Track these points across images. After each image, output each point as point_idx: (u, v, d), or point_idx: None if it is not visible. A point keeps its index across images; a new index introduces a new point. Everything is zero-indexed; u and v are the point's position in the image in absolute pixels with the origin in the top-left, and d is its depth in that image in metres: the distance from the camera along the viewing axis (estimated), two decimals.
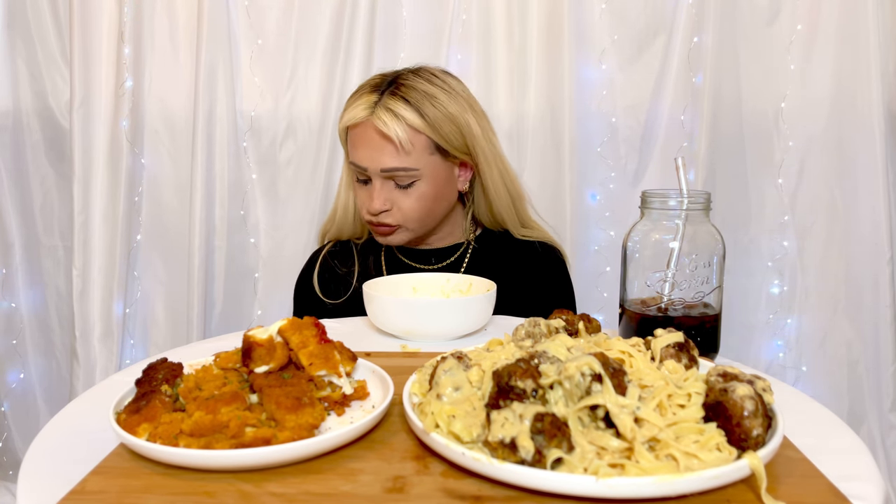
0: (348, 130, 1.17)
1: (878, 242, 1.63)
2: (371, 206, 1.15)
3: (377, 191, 1.15)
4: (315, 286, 1.28)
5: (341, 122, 1.18)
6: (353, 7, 1.65)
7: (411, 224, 1.18)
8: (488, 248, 1.27)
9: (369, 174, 1.14)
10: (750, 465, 0.48)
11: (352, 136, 1.16)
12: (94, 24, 1.64)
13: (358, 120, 1.13)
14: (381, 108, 1.12)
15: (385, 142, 1.12)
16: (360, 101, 1.14)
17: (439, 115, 1.14)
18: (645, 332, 0.77)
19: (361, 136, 1.14)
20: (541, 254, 1.27)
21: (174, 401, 0.62)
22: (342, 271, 1.28)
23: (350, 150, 1.17)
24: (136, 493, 0.50)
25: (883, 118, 1.59)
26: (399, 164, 1.12)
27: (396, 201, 1.16)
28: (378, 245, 1.28)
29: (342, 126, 1.18)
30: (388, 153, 1.12)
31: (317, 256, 1.32)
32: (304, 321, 0.68)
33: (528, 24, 1.65)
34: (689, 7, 1.63)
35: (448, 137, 1.15)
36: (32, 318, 1.82)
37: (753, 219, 1.73)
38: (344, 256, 1.30)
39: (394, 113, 1.11)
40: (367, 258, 1.29)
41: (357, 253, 1.30)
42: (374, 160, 1.13)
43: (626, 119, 1.70)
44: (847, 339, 1.70)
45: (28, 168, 1.76)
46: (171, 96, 1.72)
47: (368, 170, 1.14)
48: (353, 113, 1.14)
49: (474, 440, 0.53)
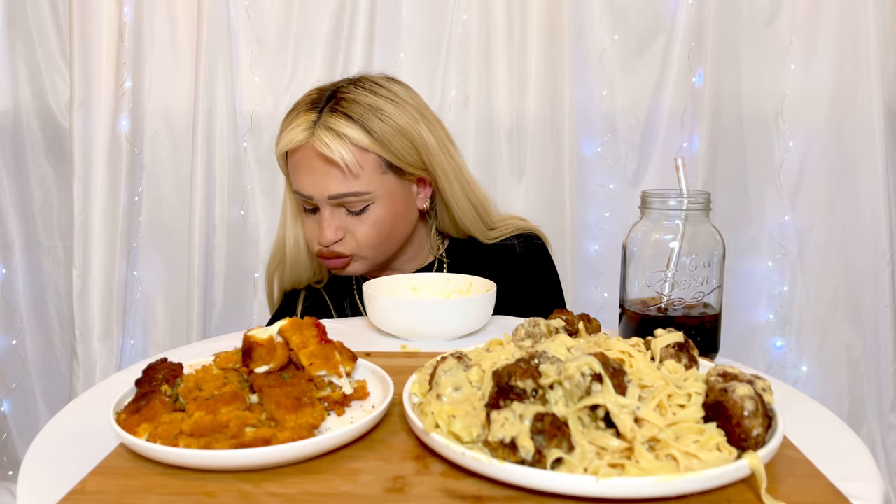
0: (287, 156, 1.06)
1: (878, 242, 1.63)
2: (322, 237, 1.04)
3: (326, 220, 1.03)
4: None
5: (278, 146, 1.06)
6: (353, 7, 1.65)
7: (367, 252, 1.07)
8: (461, 258, 1.18)
9: (316, 202, 1.04)
10: (750, 465, 0.48)
11: (292, 161, 1.05)
12: (94, 24, 1.65)
13: (297, 143, 1.01)
14: (321, 127, 1.00)
15: (329, 166, 1.00)
16: (297, 121, 1.03)
17: (387, 129, 1.02)
18: (645, 332, 0.77)
19: (302, 162, 1.02)
20: (518, 250, 1.16)
21: (174, 401, 0.62)
22: None
23: (292, 178, 1.05)
24: (136, 493, 0.50)
25: (883, 118, 1.59)
26: (347, 188, 1.01)
27: (350, 228, 1.05)
28: (348, 284, 1.19)
29: (280, 151, 1.06)
30: (333, 178, 1.01)
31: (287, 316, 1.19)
32: (304, 321, 0.68)
33: (528, 24, 1.65)
34: (689, 7, 1.63)
35: (400, 153, 1.04)
36: (32, 318, 1.82)
37: (753, 219, 1.73)
38: (320, 310, 1.18)
39: (335, 132, 0.99)
40: (341, 304, 1.18)
41: (330, 301, 1.18)
42: (320, 187, 1.01)
43: (626, 119, 1.70)
44: (847, 340, 1.70)
45: (28, 168, 1.77)
46: (171, 96, 1.72)
47: (314, 198, 1.03)
48: (291, 136, 1.02)
49: (474, 440, 0.53)
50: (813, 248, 1.70)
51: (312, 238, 1.08)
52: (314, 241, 1.07)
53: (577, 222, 1.69)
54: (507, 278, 1.11)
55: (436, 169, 1.08)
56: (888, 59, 1.61)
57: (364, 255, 1.07)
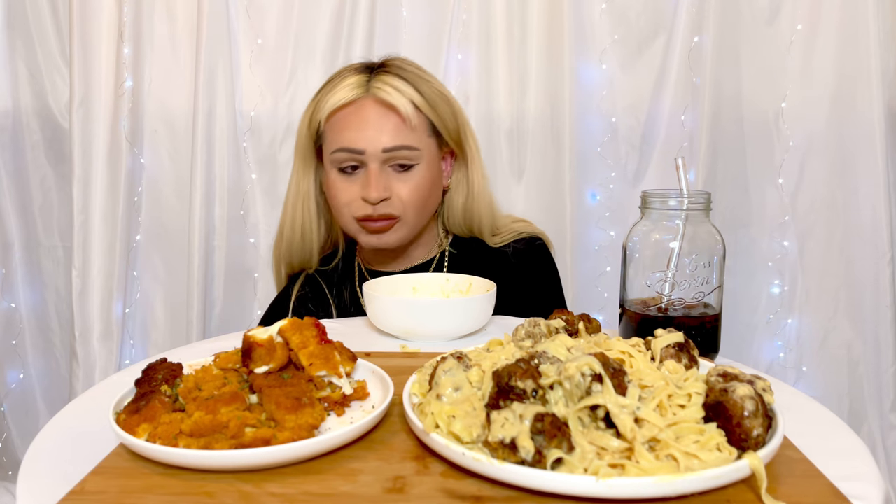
0: (332, 115, 1.05)
1: (879, 242, 1.63)
2: (369, 193, 1.02)
3: (375, 176, 1.02)
4: None
5: (320, 109, 1.05)
6: (353, 7, 1.65)
7: (411, 214, 1.06)
8: (465, 253, 1.19)
9: (364, 158, 1.03)
10: (750, 466, 0.48)
11: (338, 119, 1.05)
12: (94, 24, 1.64)
13: (353, 97, 1.03)
14: (377, 83, 1.03)
15: (386, 118, 1.02)
16: (347, 81, 1.04)
17: (434, 93, 1.07)
18: (645, 332, 0.77)
19: (355, 117, 1.03)
20: (520, 251, 1.17)
21: (174, 401, 0.61)
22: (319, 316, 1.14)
23: (337, 136, 1.04)
24: (136, 494, 0.50)
25: (883, 118, 1.59)
26: (402, 141, 1.02)
27: (395, 188, 1.04)
28: (349, 273, 1.19)
29: (331, 107, 1.04)
30: (389, 130, 1.02)
31: (283, 305, 1.18)
32: (304, 321, 0.68)
33: (528, 24, 1.65)
34: (689, 7, 1.63)
35: (444, 119, 1.07)
36: (32, 319, 1.82)
37: (753, 219, 1.73)
38: (318, 298, 1.17)
39: (393, 86, 1.02)
40: (341, 293, 1.17)
41: (328, 290, 1.17)
42: (373, 140, 1.02)
43: (626, 119, 1.70)
44: (847, 340, 1.70)
45: (28, 168, 1.76)
46: (171, 96, 1.72)
47: (366, 152, 1.02)
48: (343, 93, 1.03)
49: (474, 440, 0.53)
50: (813, 248, 1.70)
51: (351, 201, 1.05)
52: (353, 205, 1.05)
53: (577, 222, 1.69)
54: (509, 278, 1.11)
55: (468, 140, 1.12)
56: (888, 59, 1.61)
57: (408, 217, 1.06)
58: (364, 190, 1.03)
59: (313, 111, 1.08)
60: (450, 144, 1.11)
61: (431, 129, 1.08)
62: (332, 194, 1.09)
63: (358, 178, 1.05)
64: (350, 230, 1.10)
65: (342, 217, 1.09)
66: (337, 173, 1.07)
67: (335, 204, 1.09)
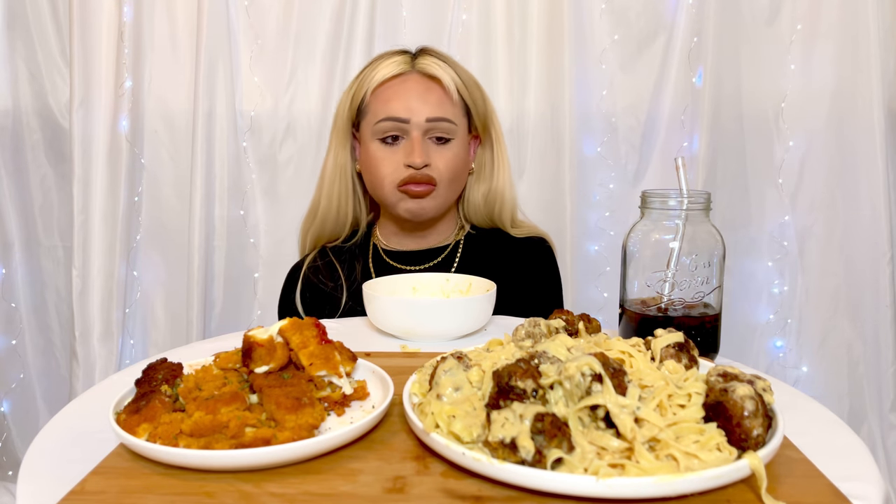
0: (378, 88, 1.13)
1: (878, 242, 1.63)
2: (414, 158, 1.09)
3: (418, 143, 1.10)
4: (297, 305, 1.20)
5: (365, 84, 1.13)
6: (353, 7, 1.65)
7: (444, 185, 1.13)
8: (478, 246, 1.23)
9: (408, 127, 1.11)
10: (750, 465, 0.48)
11: (383, 91, 1.13)
12: (94, 24, 1.65)
13: (398, 71, 1.12)
14: (421, 61, 1.13)
15: (430, 91, 1.11)
16: (392, 59, 1.14)
17: (469, 78, 1.16)
18: (645, 332, 0.77)
19: (400, 88, 1.12)
20: (532, 248, 1.23)
21: (174, 401, 0.61)
22: (329, 287, 1.20)
23: (380, 107, 1.12)
24: (136, 493, 0.50)
25: (883, 117, 1.59)
26: (443, 113, 1.11)
27: (434, 158, 1.12)
28: (363, 250, 1.24)
29: (373, 85, 1.13)
30: (432, 102, 1.11)
31: (296, 274, 1.24)
32: (304, 321, 0.68)
33: (528, 24, 1.66)
34: (689, 7, 1.63)
35: (476, 103, 1.16)
36: (32, 318, 1.82)
37: (753, 219, 1.73)
38: (328, 270, 1.22)
39: (436, 64, 1.13)
40: (353, 267, 1.22)
41: (340, 263, 1.22)
42: (418, 110, 1.10)
43: (626, 119, 1.70)
44: (847, 339, 1.70)
45: (28, 168, 1.77)
46: (171, 96, 1.72)
47: (410, 121, 1.10)
48: (389, 68, 1.12)
49: (474, 440, 0.53)
50: (813, 248, 1.70)
51: (394, 170, 1.12)
52: (396, 172, 1.12)
53: (577, 222, 1.69)
54: (519, 271, 1.17)
55: (495, 125, 1.20)
56: (888, 59, 1.61)
57: (442, 187, 1.13)
58: (408, 157, 1.10)
59: (357, 87, 1.16)
60: (477, 128, 1.18)
61: (465, 109, 1.16)
62: (373, 164, 1.14)
63: (399, 148, 1.12)
64: (390, 199, 1.15)
65: (384, 187, 1.14)
66: (378, 144, 1.13)
67: (377, 174, 1.14)
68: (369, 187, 1.19)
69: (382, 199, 1.17)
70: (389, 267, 1.21)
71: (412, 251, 1.22)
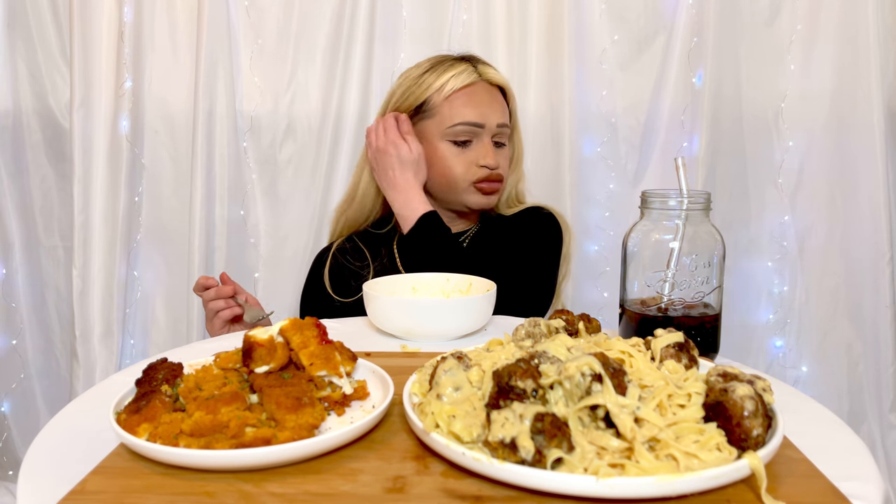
0: (453, 94, 1.22)
1: (878, 242, 1.63)
2: (490, 161, 1.21)
3: (492, 147, 1.23)
4: (326, 282, 1.28)
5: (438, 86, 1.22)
6: (353, 7, 1.65)
7: (506, 182, 1.28)
8: (483, 231, 1.32)
9: (482, 132, 1.22)
10: (750, 465, 0.48)
11: (459, 97, 1.22)
12: (94, 24, 1.65)
13: (470, 80, 1.22)
14: (486, 69, 1.25)
15: (496, 100, 1.24)
16: (460, 67, 1.23)
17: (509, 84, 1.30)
18: (645, 332, 0.77)
19: (474, 97, 1.22)
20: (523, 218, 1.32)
21: (174, 401, 0.62)
22: (355, 266, 1.29)
23: (457, 112, 1.22)
24: (136, 493, 0.50)
25: (883, 118, 1.59)
26: (505, 119, 1.25)
27: (498, 159, 1.24)
28: (389, 236, 1.31)
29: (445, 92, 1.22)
30: (498, 109, 1.24)
31: (326, 254, 1.34)
32: (305, 321, 0.68)
33: (528, 24, 1.66)
34: (689, 7, 1.63)
35: (514, 107, 1.30)
36: (32, 318, 1.82)
37: (753, 219, 1.73)
38: (356, 251, 1.32)
39: (497, 75, 1.27)
40: (378, 251, 1.31)
41: (366, 247, 1.32)
42: (490, 116, 1.22)
43: (626, 119, 1.70)
44: (847, 339, 1.70)
45: (28, 168, 1.77)
46: (171, 96, 1.72)
47: (485, 126, 1.22)
48: (460, 78, 1.22)
49: (474, 440, 0.53)
50: (813, 248, 1.70)
51: (467, 170, 1.23)
52: (470, 171, 1.23)
53: (577, 222, 1.69)
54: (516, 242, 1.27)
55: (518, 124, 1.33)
56: (888, 59, 1.61)
57: (505, 184, 1.28)
58: (484, 158, 1.22)
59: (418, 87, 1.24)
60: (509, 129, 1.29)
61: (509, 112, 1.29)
62: (446, 164, 1.24)
63: (470, 150, 1.23)
64: (460, 195, 1.26)
65: (457, 183, 1.24)
66: (449, 146, 1.24)
67: (451, 173, 1.24)
68: (433, 181, 1.27)
69: (450, 193, 1.26)
70: None
71: None
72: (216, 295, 1.15)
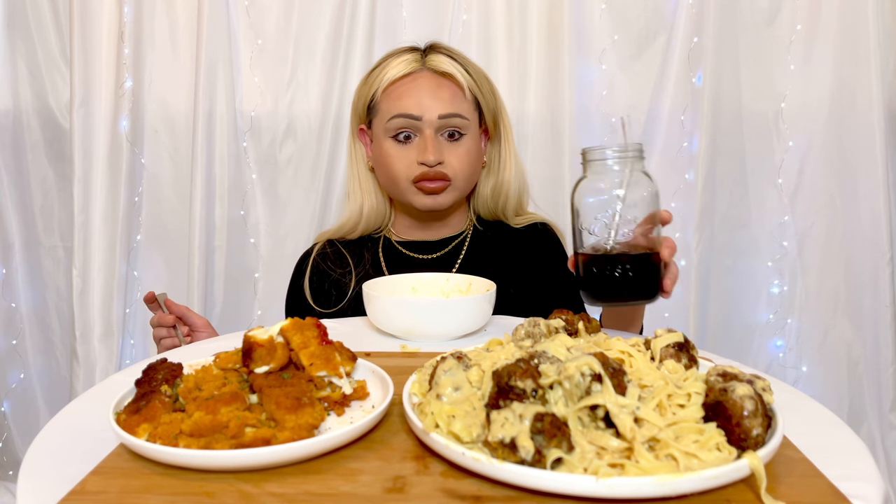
0: (389, 87, 1.13)
1: (878, 242, 1.63)
2: (427, 156, 1.10)
3: (432, 141, 1.11)
4: (307, 295, 1.21)
5: (375, 83, 1.14)
6: (353, 7, 1.65)
7: (460, 180, 1.14)
8: (484, 237, 1.25)
9: (421, 125, 1.11)
10: (750, 465, 0.48)
11: (394, 90, 1.13)
12: (94, 24, 1.65)
13: (409, 70, 1.12)
14: (432, 58, 1.13)
15: (441, 88, 1.12)
16: (402, 57, 1.14)
17: (479, 72, 1.16)
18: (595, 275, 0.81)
19: (412, 86, 1.12)
20: (534, 235, 1.25)
21: (174, 401, 0.62)
22: (337, 273, 1.21)
23: (396, 103, 1.12)
24: (136, 494, 0.50)
25: (883, 118, 1.59)
26: (455, 109, 1.12)
27: (447, 155, 1.12)
28: (373, 240, 1.25)
29: (390, 78, 1.13)
30: (444, 99, 1.11)
31: (305, 263, 1.25)
32: (305, 322, 0.68)
33: (528, 24, 1.66)
34: (689, 7, 1.63)
35: (487, 97, 1.16)
36: (32, 318, 1.82)
37: (753, 219, 1.73)
38: (337, 257, 1.23)
39: (448, 62, 1.13)
40: (361, 255, 1.23)
41: (348, 252, 1.24)
42: (430, 107, 1.11)
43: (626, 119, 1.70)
44: (847, 339, 1.70)
45: (28, 168, 1.77)
46: (171, 96, 1.72)
47: (423, 118, 1.10)
48: (401, 66, 1.12)
49: (474, 440, 0.53)
50: (813, 248, 1.71)
51: (407, 167, 1.13)
52: (409, 169, 1.13)
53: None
54: (521, 263, 1.20)
55: (504, 120, 1.21)
56: (888, 59, 1.62)
57: (458, 182, 1.14)
58: (421, 154, 1.11)
59: (367, 86, 1.16)
60: (487, 123, 1.18)
61: (476, 105, 1.16)
62: (387, 163, 1.15)
63: (412, 146, 1.13)
64: (405, 196, 1.16)
65: (399, 184, 1.15)
66: (391, 143, 1.14)
67: (391, 172, 1.15)
68: (383, 183, 1.21)
69: (397, 195, 1.19)
70: (399, 254, 1.23)
71: (423, 241, 1.24)
72: (158, 322, 1.12)
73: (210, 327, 1.14)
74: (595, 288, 0.83)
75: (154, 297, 1.13)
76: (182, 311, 1.13)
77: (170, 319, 1.12)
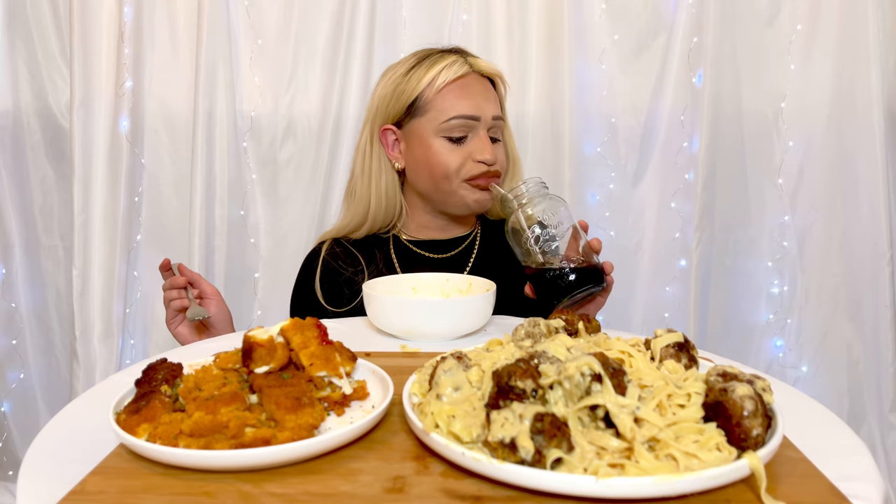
0: (445, 87, 1.15)
1: (878, 242, 1.63)
2: (486, 155, 1.13)
3: (488, 142, 1.15)
4: (318, 295, 1.21)
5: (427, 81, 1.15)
6: (353, 7, 1.65)
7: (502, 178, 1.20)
8: (492, 236, 1.27)
9: (478, 125, 1.15)
10: (750, 465, 0.48)
11: (453, 90, 1.15)
12: (94, 24, 1.65)
13: (462, 72, 1.15)
14: (476, 61, 1.19)
15: (490, 91, 1.18)
16: (446, 59, 1.16)
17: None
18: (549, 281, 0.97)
19: (469, 89, 1.15)
20: None
21: (174, 401, 0.62)
22: (349, 272, 1.21)
23: (450, 105, 1.14)
24: (136, 494, 0.50)
25: (883, 118, 1.59)
26: (499, 112, 1.18)
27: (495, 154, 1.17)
28: (381, 239, 1.25)
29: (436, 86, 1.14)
30: (493, 101, 1.17)
31: (314, 260, 1.25)
32: (306, 322, 0.68)
33: (528, 24, 1.66)
34: (689, 7, 1.63)
35: (503, 98, 1.23)
36: (32, 318, 1.82)
37: (753, 219, 1.73)
38: (347, 257, 1.23)
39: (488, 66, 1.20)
40: (373, 254, 1.23)
41: (359, 252, 1.24)
42: (485, 108, 1.15)
43: (626, 119, 1.70)
44: (847, 339, 1.70)
45: (28, 168, 1.77)
46: (171, 96, 1.72)
47: (481, 119, 1.14)
48: (452, 69, 1.15)
49: (474, 440, 0.53)
50: (813, 248, 1.71)
51: (462, 165, 1.15)
52: (465, 167, 1.16)
53: None
54: None
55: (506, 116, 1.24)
56: (888, 59, 1.62)
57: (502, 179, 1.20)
58: (480, 153, 1.15)
59: (406, 86, 1.17)
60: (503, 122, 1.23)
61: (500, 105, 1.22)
62: (438, 161, 1.16)
63: (464, 146, 1.16)
64: (454, 194, 1.18)
65: (451, 181, 1.16)
66: (443, 142, 1.15)
67: (443, 170, 1.16)
68: (426, 180, 1.19)
69: (442, 194, 1.18)
70: (413, 253, 1.23)
71: (435, 240, 1.25)
72: (170, 285, 1.14)
73: (219, 296, 1.17)
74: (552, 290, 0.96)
75: (169, 265, 1.15)
76: (195, 277, 1.15)
77: (181, 281, 1.13)
